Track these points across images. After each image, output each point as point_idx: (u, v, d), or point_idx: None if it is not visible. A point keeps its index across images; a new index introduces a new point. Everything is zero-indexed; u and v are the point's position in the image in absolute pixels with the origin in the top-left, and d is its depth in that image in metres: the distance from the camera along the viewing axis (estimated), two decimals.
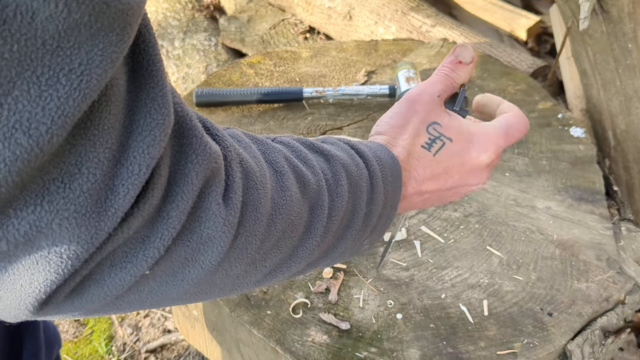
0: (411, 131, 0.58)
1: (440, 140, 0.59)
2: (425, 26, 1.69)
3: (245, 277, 0.45)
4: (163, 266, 0.38)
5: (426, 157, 0.58)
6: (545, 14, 1.84)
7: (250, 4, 2.29)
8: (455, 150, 0.59)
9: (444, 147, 0.59)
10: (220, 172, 0.39)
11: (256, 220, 0.43)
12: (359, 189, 0.53)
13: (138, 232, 0.35)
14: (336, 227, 0.51)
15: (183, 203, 0.36)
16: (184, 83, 2.19)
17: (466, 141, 0.60)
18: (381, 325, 0.82)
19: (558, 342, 0.79)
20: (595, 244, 0.91)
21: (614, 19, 1.16)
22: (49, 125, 0.28)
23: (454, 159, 0.59)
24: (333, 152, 0.53)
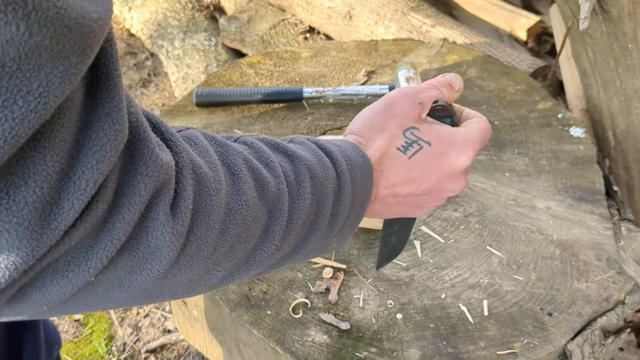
0: (387, 134, 0.58)
1: (418, 145, 0.58)
2: (425, 26, 1.69)
3: (198, 282, 0.45)
4: (108, 274, 0.37)
5: (401, 160, 0.57)
6: (545, 14, 1.84)
7: (250, 4, 2.29)
8: (433, 153, 0.58)
9: (421, 151, 0.58)
10: (169, 182, 0.39)
11: (208, 228, 0.42)
12: (324, 190, 0.52)
13: (81, 242, 0.35)
14: (298, 230, 0.51)
15: (129, 215, 0.36)
16: (184, 83, 2.19)
17: (445, 145, 0.59)
18: (381, 325, 0.82)
19: (558, 342, 0.80)
20: (595, 244, 0.91)
21: (614, 19, 1.16)
22: (1, 145, 0.28)
23: (431, 162, 0.58)
24: (298, 152, 0.53)
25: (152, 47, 2.46)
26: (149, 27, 2.46)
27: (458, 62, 1.30)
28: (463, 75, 1.26)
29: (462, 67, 1.28)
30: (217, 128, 1.14)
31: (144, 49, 2.55)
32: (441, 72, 1.27)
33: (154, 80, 2.42)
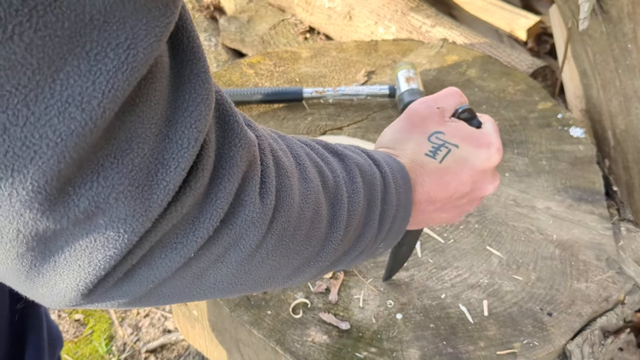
0: (412, 143, 0.59)
1: (445, 148, 0.58)
2: (425, 26, 1.69)
3: (277, 270, 0.46)
4: (208, 249, 0.38)
5: (431, 165, 0.58)
6: (545, 14, 1.84)
7: (250, 4, 2.29)
8: (463, 155, 0.58)
9: (450, 154, 0.58)
10: (257, 159, 0.40)
11: (290, 207, 0.43)
12: (373, 187, 0.53)
13: (189, 212, 0.36)
14: (356, 223, 0.52)
15: (230, 185, 0.37)
16: None
17: (474, 144, 0.59)
18: (381, 325, 0.82)
19: (558, 342, 0.80)
20: (595, 244, 0.92)
21: (613, 19, 1.16)
22: (100, 98, 0.28)
23: (463, 164, 0.58)
24: (346, 152, 0.54)
25: None
26: None
27: (458, 62, 1.30)
28: (463, 76, 1.26)
29: (462, 67, 1.28)
30: None
31: None
32: (441, 72, 1.27)
33: None
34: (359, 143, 1.08)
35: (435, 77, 1.26)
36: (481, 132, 0.61)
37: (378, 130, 1.13)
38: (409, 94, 1.13)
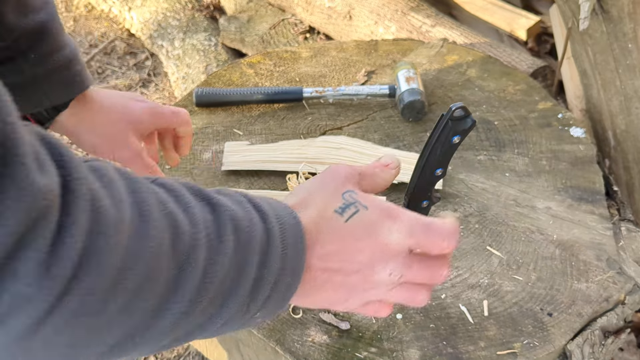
0: (324, 194, 0.53)
1: (355, 207, 0.52)
2: (425, 26, 1.69)
3: (81, 349, 0.38)
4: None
5: (337, 222, 0.52)
6: (545, 14, 1.84)
7: (250, 4, 2.29)
8: (370, 219, 0.52)
9: (358, 214, 0.52)
10: (49, 213, 0.33)
11: (98, 275, 0.35)
12: (250, 248, 0.46)
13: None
14: (214, 292, 0.44)
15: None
16: (184, 83, 2.19)
17: (384, 213, 0.53)
18: (381, 325, 0.82)
19: (558, 342, 0.80)
20: (595, 244, 0.91)
21: (614, 19, 1.16)
22: None
23: (366, 228, 0.52)
24: (223, 201, 0.47)
25: (152, 47, 2.46)
26: (148, 27, 2.46)
27: (458, 62, 1.30)
28: (463, 76, 1.26)
29: (462, 67, 1.28)
30: (217, 128, 1.14)
31: (143, 49, 2.55)
32: (441, 72, 1.27)
33: (154, 80, 2.42)
34: (359, 143, 1.07)
35: (435, 77, 1.26)
36: (405, 211, 0.54)
37: (378, 130, 1.13)
38: (409, 94, 1.13)
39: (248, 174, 1.04)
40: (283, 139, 1.10)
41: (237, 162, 1.04)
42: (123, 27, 2.63)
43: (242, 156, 1.05)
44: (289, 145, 1.07)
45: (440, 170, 0.70)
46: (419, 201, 0.73)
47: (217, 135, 1.12)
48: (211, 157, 1.07)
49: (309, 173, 0.78)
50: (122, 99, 0.87)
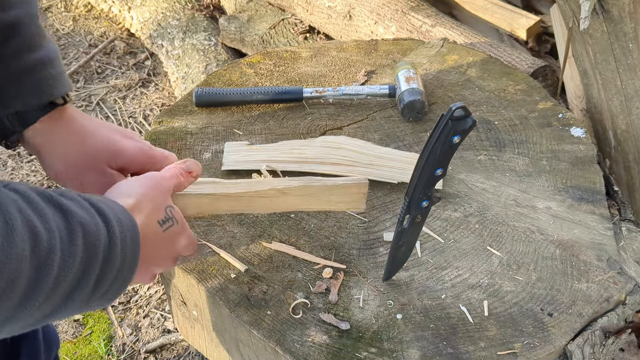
0: (154, 205, 0.66)
1: (172, 222, 0.68)
2: (426, 26, 1.69)
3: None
4: None
5: (159, 232, 0.66)
6: (546, 13, 1.84)
7: (250, 4, 2.29)
8: (176, 232, 0.69)
9: (172, 228, 0.68)
10: None
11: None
12: (95, 250, 0.52)
13: None
14: (64, 288, 0.50)
15: None
16: (184, 83, 2.19)
17: (183, 226, 0.70)
18: (381, 325, 0.81)
19: (558, 343, 0.79)
20: (596, 244, 0.91)
21: (614, 19, 1.16)
22: None
23: (173, 238, 0.69)
24: (72, 208, 0.52)
25: (152, 47, 2.45)
26: (148, 26, 2.46)
27: (458, 62, 1.30)
28: (463, 75, 1.26)
29: (462, 66, 1.28)
30: (217, 128, 1.13)
31: (143, 48, 2.55)
32: (441, 72, 1.27)
33: (154, 79, 2.42)
34: (359, 143, 1.07)
35: (436, 77, 1.26)
36: (185, 222, 0.72)
37: (378, 130, 1.13)
38: (409, 94, 1.13)
39: (248, 174, 1.03)
40: (283, 139, 1.10)
41: (237, 162, 1.04)
42: (123, 27, 2.62)
43: (242, 156, 1.05)
44: (289, 145, 1.07)
45: (441, 170, 0.70)
46: (419, 201, 0.73)
47: (217, 135, 1.12)
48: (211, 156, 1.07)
49: (267, 171, 0.82)
50: (110, 132, 0.79)
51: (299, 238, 0.93)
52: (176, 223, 0.69)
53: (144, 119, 2.23)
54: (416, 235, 0.82)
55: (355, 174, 0.91)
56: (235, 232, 0.94)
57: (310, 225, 0.95)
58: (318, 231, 0.94)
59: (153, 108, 2.28)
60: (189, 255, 0.76)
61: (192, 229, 0.75)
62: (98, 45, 2.53)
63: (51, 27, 2.64)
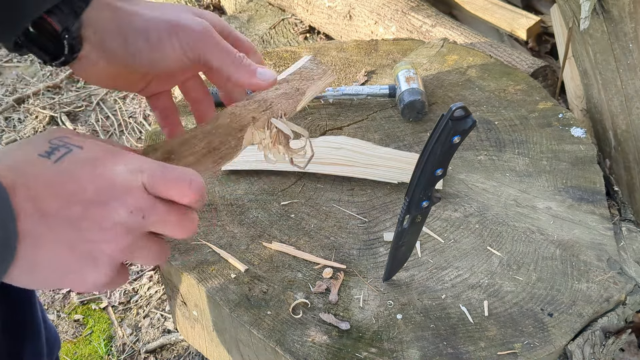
0: (24, 144, 0.48)
1: (65, 148, 0.47)
2: (426, 26, 1.69)
3: None
4: None
5: (43, 165, 0.46)
6: (546, 13, 1.84)
7: (250, 4, 2.29)
8: (88, 156, 0.47)
9: (70, 155, 0.47)
10: None
11: None
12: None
13: None
14: None
15: None
16: None
17: (105, 151, 0.49)
18: (381, 325, 0.81)
19: (558, 343, 0.79)
20: (596, 245, 0.91)
21: (614, 19, 1.16)
22: None
23: (84, 165, 0.47)
24: None
25: None
26: None
27: (458, 62, 1.30)
28: (463, 75, 1.26)
29: (463, 66, 1.28)
30: None
31: None
32: (441, 72, 1.27)
33: None
34: (359, 143, 1.07)
35: (436, 77, 1.26)
36: (134, 154, 0.50)
37: (378, 130, 1.13)
38: (409, 94, 1.13)
39: (248, 174, 1.04)
40: None
41: (237, 162, 1.04)
42: None
43: (242, 156, 1.05)
44: None
45: (441, 170, 0.70)
46: (419, 201, 0.73)
47: None
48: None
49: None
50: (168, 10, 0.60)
51: (299, 238, 0.93)
52: (76, 148, 0.48)
53: (144, 119, 2.23)
54: (416, 236, 0.82)
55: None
56: (235, 232, 0.94)
57: (310, 225, 0.95)
58: (318, 231, 0.94)
59: None
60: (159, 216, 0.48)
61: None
62: None
63: None
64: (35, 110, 2.17)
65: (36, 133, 2.08)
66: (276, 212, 0.97)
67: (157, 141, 1.09)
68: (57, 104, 2.21)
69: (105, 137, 2.08)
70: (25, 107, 2.20)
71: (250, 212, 0.97)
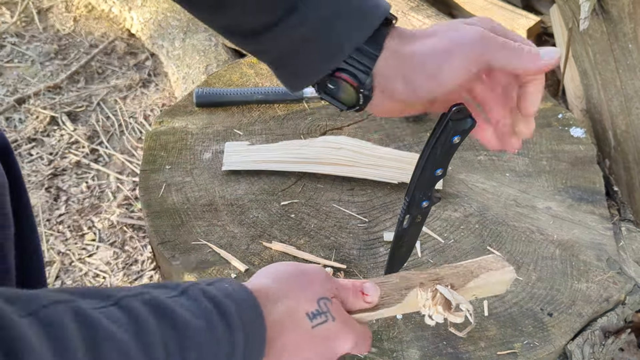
0: (300, 295, 0.57)
1: (325, 317, 0.57)
2: (425, 26, 1.69)
3: None
4: None
5: (303, 326, 0.56)
6: (546, 14, 1.84)
7: None
8: (332, 331, 0.58)
9: (325, 325, 0.57)
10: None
11: None
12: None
13: None
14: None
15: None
16: (184, 83, 2.19)
17: (344, 326, 0.59)
18: (381, 325, 0.81)
19: (558, 343, 0.79)
20: (596, 244, 0.91)
21: (614, 19, 1.16)
22: None
23: (325, 341, 0.57)
24: (187, 320, 0.48)
25: (152, 47, 2.46)
26: (149, 27, 2.46)
27: None
28: None
29: None
30: (217, 128, 1.14)
31: (144, 49, 2.55)
32: None
33: (154, 80, 2.42)
34: (359, 143, 1.07)
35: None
36: (356, 323, 0.61)
37: (378, 130, 1.13)
38: None
39: (248, 174, 1.04)
40: (283, 139, 1.10)
41: (237, 162, 1.04)
42: (123, 27, 2.63)
43: (242, 156, 1.05)
44: (289, 145, 1.07)
45: (441, 170, 0.70)
46: (420, 201, 0.73)
47: (217, 135, 1.12)
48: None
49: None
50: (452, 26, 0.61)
51: (299, 238, 0.93)
52: (332, 320, 0.57)
53: (144, 119, 2.23)
54: (416, 236, 0.82)
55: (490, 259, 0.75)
56: (235, 232, 0.94)
57: (311, 225, 0.95)
58: (318, 231, 0.94)
59: (154, 108, 2.29)
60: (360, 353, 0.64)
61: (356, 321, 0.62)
62: (99, 46, 2.53)
63: (52, 28, 2.64)
64: (36, 110, 2.18)
65: (36, 133, 2.08)
66: (276, 212, 0.97)
67: (157, 142, 1.10)
68: (57, 104, 2.21)
69: (106, 137, 2.09)
70: (25, 107, 2.21)
71: (250, 212, 0.97)
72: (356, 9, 0.59)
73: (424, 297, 0.67)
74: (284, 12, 0.57)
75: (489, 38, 0.59)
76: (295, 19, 0.58)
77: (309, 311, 0.57)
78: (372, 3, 0.60)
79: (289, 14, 0.57)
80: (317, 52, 0.60)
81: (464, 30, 0.60)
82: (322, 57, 0.60)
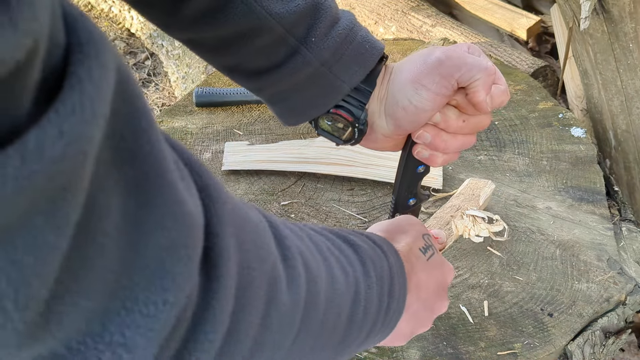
0: (411, 234, 0.61)
1: (432, 250, 0.62)
2: (426, 26, 1.69)
3: None
4: None
5: (422, 259, 0.61)
6: (546, 13, 1.84)
7: None
8: (438, 262, 0.63)
9: (434, 256, 0.62)
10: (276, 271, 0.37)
11: (310, 320, 0.41)
12: (383, 281, 0.52)
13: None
14: (371, 319, 0.51)
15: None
16: (184, 83, 2.19)
17: (442, 257, 0.65)
18: None
19: (558, 343, 0.79)
20: (596, 245, 0.91)
21: (614, 19, 1.16)
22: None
23: (436, 269, 0.62)
24: (359, 243, 0.52)
25: (152, 47, 2.46)
26: (148, 26, 2.46)
27: None
28: None
29: None
30: (217, 128, 1.13)
31: (143, 48, 2.55)
32: None
33: (154, 79, 2.42)
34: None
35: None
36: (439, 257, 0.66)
37: None
38: None
39: (248, 174, 1.04)
40: (283, 139, 1.10)
41: (237, 162, 1.04)
42: (123, 27, 2.62)
43: (242, 156, 1.05)
44: (289, 145, 1.07)
45: (422, 167, 0.70)
46: (406, 199, 0.73)
47: (217, 135, 1.12)
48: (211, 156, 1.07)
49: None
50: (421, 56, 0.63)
51: None
52: (436, 252, 0.63)
53: None
54: None
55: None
56: None
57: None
58: None
59: (153, 108, 2.29)
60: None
61: None
62: None
63: None
64: None
65: None
66: (276, 212, 0.97)
67: None
68: None
69: None
70: None
71: None
72: (355, 51, 0.61)
73: (463, 224, 0.82)
74: (287, 56, 0.59)
75: (451, 60, 0.62)
76: (297, 61, 0.60)
77: (421, 246, 0.61)
78: (369, 44, 0.62)
79: (291, 57, 0.60)
80: (317, 92, 0.62)
81: (429, 58, 0.62)
82: (322, 96, 0.63)
